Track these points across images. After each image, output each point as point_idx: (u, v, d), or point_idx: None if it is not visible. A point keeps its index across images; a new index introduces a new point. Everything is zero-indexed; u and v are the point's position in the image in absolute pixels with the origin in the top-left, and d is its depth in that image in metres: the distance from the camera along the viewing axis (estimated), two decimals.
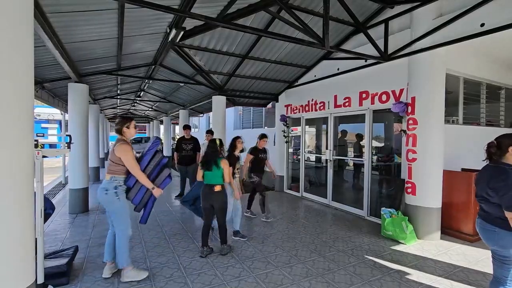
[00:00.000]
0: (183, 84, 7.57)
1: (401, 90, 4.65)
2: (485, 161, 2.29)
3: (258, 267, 3.36)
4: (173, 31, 3.74)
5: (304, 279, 3.08)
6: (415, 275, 3.19)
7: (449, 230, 4.40)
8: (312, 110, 6.78)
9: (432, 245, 4.06)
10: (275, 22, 4.60)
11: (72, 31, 3.70)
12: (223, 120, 7.35)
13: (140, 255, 3.64)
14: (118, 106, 13.27)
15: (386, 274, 3.21)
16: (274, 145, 8.14)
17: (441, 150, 4.22)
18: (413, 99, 4.32)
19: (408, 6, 4.37)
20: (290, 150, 7.88)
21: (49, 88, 6.11)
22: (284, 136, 7.73)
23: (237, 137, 4.61)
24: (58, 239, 4.14)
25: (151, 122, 20.41)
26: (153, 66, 6.26)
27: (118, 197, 2.93)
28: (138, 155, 3.20)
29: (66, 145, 3.49)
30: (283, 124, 7.69)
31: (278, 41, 5.13)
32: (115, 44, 4.51)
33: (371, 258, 3.64)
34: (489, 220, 2.17)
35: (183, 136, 6.77)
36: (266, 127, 9.89)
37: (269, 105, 8.91)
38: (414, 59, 4.32)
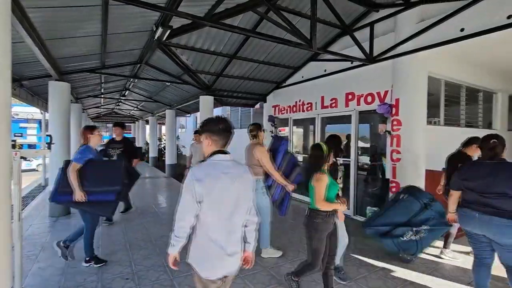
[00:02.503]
0: (169, 83, 7.46)
1: (386, 92, 4.77)
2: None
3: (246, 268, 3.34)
4: (160, 30, 3.67)
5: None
6: (400, 272, 3.27)
7: None
8: (299, 111, 6.84)
9: None
10: (263, 22, 4.60)
11: (53, 27, 3.57)
12: None
13: (124, 258, 3.55)
14: (102, 105, 12.91)
15: (372, 272, 3.27)
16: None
17: (424, 150, 4.35)
18: (397, 100, 4.44)
19: (392, 10, 4.49)
20: None
21: (28, 86, 5.87)
22: (271, 136, 7.73)
23: (334, 136, 3.33)
24: (37, 244, 3.97)
25: (136, 122, 19.99)
26: (139, 65, 6.13)
27: (265, 195, 3.50)
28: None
29: (46, 145, 3.37)
30: (271, 124, 7.71)
31: (266, 42, 5.14)
32: (98, 42, 4.38)
33: (357, 256, 3.71)
34: (506, 215, 2.24)
35: (113, 138, 5.15)
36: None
37: (257, 106, 8.92)
38: (398, 62, 4.44)
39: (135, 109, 14.45)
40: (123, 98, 10.53)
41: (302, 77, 6.60)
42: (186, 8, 3.57)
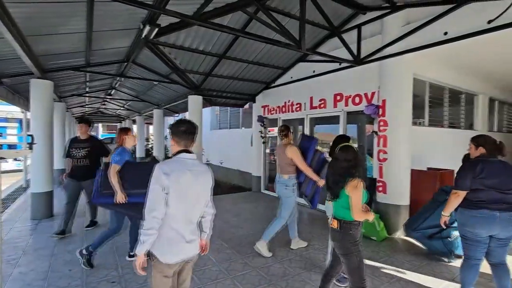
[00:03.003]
0: (157, 82, 7.35)
1: (373, 93, 4.86)
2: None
3: (235, 268, 3.33)
4: (147, 28, 3.60)
5: (282, 279, 3.10)
6: (386, 270, 3.34)
7: None
8: (288, 111, 6.88)
9: (401, 241, 4.27)
10: (252, 22, 4.60)
11: (35, 23, 3.44)
12: (199, 121, 7.22)
13: (111, 261, 3.46)
14: (87, 104, 12.57)
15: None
16: (252, 145, 8.15)
17: (409, 150, 4.46)
18: (384, 101, 4.53)
19: (379, 13, 4.57)
20: (267, 150, 7.93)
21: (8, 83, 5.64)
22: (261, 136, 7.75)
23: (343, 136, 3.29)
24: (18, 247, 3.82)
25: (123, 121, 19.57)
26: (126, 63, 6.00)
27: (294, 192, 3.74)
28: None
29: (27, 145, 3.25)
30: (260, 124, 7.72)
31: (256, 42, 5.14)
32: (83, 39, 4.26)
33: None
34: None
35: (77, 136, 4.44)
36: (243, 128, 9.87)
37: (246, 106, 8.92)
38: (385, 63, 4.53)
39: (122, 108, 14.15)
40: (109, 97, 10.28)
41: (291, 77, 6.64)
42: (174, 6, 3.52)
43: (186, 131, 1.82)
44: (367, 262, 3.55)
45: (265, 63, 6.24)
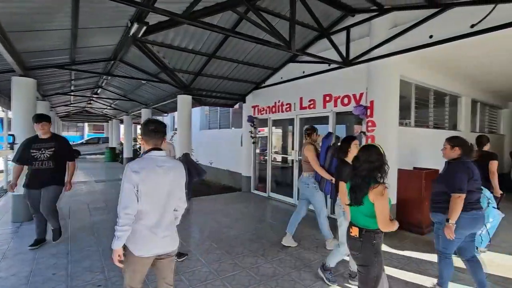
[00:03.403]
0: (145, 82, 7.23)
1: (361, 94, 4.94)
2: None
3: (225, 269, 3.31)
4: (135, 26, 3.53)
5: (271, 279, 3.11)
6: None
7: (403, 224, 4.76)
8: (278, 112, 6.90)
9: (388, 239, 4.35)
10: (242, 22, 4.59)
11: (17, 19, 3.32)
12: (188, 120, 7.15)
13: (97, 264, 3.37)
14: (71, 103, 12.24)
15: (347, 269, 3.35)
16: (242, 145, 8.13)
17: (396, 150, 4.55)
18: (372, 102, 4.61)
19: (367, 15, 4.65)
20: (257, 150, 7.93)
21: None
22: (251, 137, 7.75)
23: (352, 138, 3.10)
24: None
25: (109, 121, 19.16)
26: (112, 62, 5.88)
27: (317, 190, 3.87)
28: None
29: (8, 145, 3.12)
30: (250, 125, 7.71)
31: (246, 42, 5.13)
32: (68, 36, 4.14)
33: None
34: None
35: (36, 135, 3.83)
36: (233, 128, 9.84)
37: (236, 106, 8.89)
38: (373, 65, 4.61)
39: (109, 107, 13.85)
40: (95, 96, 10.05)
41: (281, 78, 6.67)
42: (163, 4, 3.47)
43: (155, 130, 1.91)
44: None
45: (255, 63, 6.24)
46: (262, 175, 7.77)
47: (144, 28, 3.59)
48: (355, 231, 2.06)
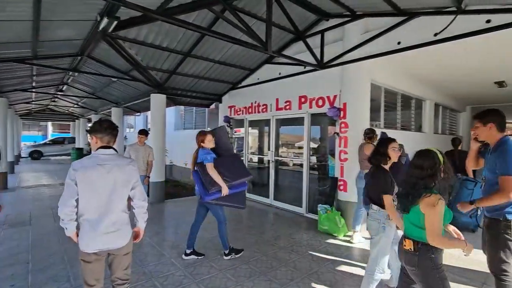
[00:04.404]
0: (116, 79, 6.90)
1: (335, 96, 5.09)
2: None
3: (201, 272, 3.25)
4: (105, 20, 3.36)
5: (248, 279, 3.10)
6: (347, 264, 3.50)
7: None
8: (255, 112, 6.91)
9: (360, 236, 4.52)
10: (219, 21, 4.54)
11: None
12: (162, 120, 6.94)
13: (62, 273, 3.16)
14: (33, 100, 11.38)
15: (322, 266, 3.44)
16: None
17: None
18: (345, 104, 4.77)
19: (340, 20, 4.81)
20: (234, 151, 7.88)
21: None
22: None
23: (390, 140, 2.66)
24: None
25: (76, 120, 18.08)
26: (80, 57, 5.55)
27: None
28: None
29: None
30: (227, 125, 7.66)
31: (222, 41, 5.08)
32: (29, 28, 3.84)
33: (309, 252, 3.87)
34: None
35: None
36: (209, 128, 9.72)
37: (212, 106, 8.78)
38: (346, 69, 4.77)
39: (75, 106, 13.07)
40: (60, 93, 9.44)
41: (258, 79, 6.69)
42: None
43: (108, 128, 1.99)
44: (329, 257, 3.70)
45: (232, 63, 6.20)
46: None
47: (115, 23, 3.43)
48: (409, 244, 1.84)
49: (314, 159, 5.89)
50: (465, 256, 1.85)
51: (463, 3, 3.32)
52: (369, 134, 4.31)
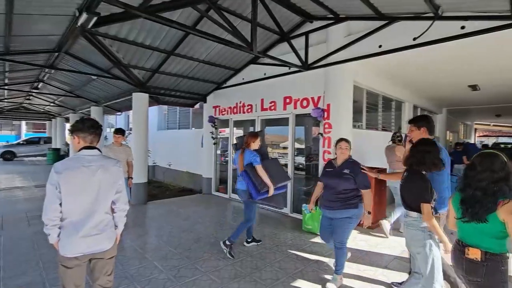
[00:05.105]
0: (96, 77, 6.67)
1: (319, 97, 5.17)
2: None
3: (184, 275, 3.19)
4: (84, 15, 3.23)
5: (233, 281, 3.08)
6: (331, 263, 3.55)
7: None
8: (240, 112, 6.90)
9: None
10: (203, 20, 4.49)
11: None
12: (145, 120, 6.77)
13: (37, 279, 3.00)
14: (6, 98, 10.80)
15: (307, 265, 3.48)
16: (202, 146, 7.96)
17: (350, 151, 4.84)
18: (328, 105, 4.86)
19: (324, 22, 4.89)
20: (218, 151, 7.83)
21: None
22: (212, 137, 7.62)
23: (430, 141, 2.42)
24: None
25: (53, 119, 17.31)
26: (57, 54, 5.32)
27: None
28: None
29: None
30: (211, 125, 7.59)
31: (207, 41, 5.03)
32: (1, 22, 3.63)
33: (294, 252, 3.90)
34: None
35: None
36: (193, 128, 9.58)
37: (197, 106, 8.68)
38: (329, 70, 4.86)
39: (52, 104, 12.52)
40: (35, 91, 9.00)
41: (243, 79, 6.68)
42: None
43: (92, 127, 1.92)
44: (313, 257, 3.75)
45: (217, 63, 6.15)
46: (224, 176, 7.69)
47: (95, 19, 3.30)
48: (474, 253, 1.70)
49: (299, 159, 5.95)
50: None
51: (440, 9, 3.47)
52: (398, 137, 4.87)
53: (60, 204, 1.79)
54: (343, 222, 2.96)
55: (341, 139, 3.20)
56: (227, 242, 3.71)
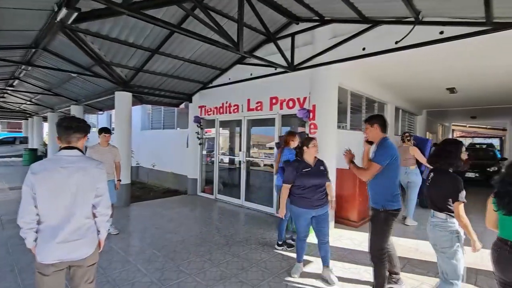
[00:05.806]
0: (76, 75, 6.44)
1: (305, 98, 5.22)
2: None
3: (169, 277, 3.13)
4: (63, 11, 3.10)
5: (218, 282, 3.05)
6: (316, 262, 3.60)
7: (340, 219, 5.18)
8: (226, 112, 6.86)
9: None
10: (189, 19, 4.43)
11: None
12: (128, 119, 6.61)
13: (13, 286, 2.86)
14: None
15: (292, 265, 3.50)
16: (188, 147, 7.85)
17: (334, 151, 4.93)
18: (314, 106, 4.91)
19: (310, 24, 4.95)
20: (204, 152, 7.75)
21: None
22: (197, 138, 7.54)
23: (456, 142, 2.43)
24: None
25: (29, 118, 16.56)
26: (34, 50, 5.09)
27: (418, 176, 5.19)
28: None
29: None
30: (197, 125, 7.50)
31: (193, 40, 4.96)
32: None
33: (279, 252, 3.92)
34: None
35: None
36: (178, 128, 9.44)
37: (182, 106, 8.55)
38: (315, 71, 4.91)
39: (28, 102, 11.97)
40: (10, 88, 8.58)
41: (229, 79, 6.64)
42: None
43: (66, 127, 1.84)
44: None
45: (203, 62, 6.09)
46: (209, 177, 7.62)
47: (75, 14, 3.18)
48: None
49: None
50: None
51: (421, 14, 3.60)
52: (408, 137, 5.32)
53: (36, 207, 1.71)
54: (326, 215, 3.19)
55: (313, 138, 3.39)
56: (279, 242, 4.05)
